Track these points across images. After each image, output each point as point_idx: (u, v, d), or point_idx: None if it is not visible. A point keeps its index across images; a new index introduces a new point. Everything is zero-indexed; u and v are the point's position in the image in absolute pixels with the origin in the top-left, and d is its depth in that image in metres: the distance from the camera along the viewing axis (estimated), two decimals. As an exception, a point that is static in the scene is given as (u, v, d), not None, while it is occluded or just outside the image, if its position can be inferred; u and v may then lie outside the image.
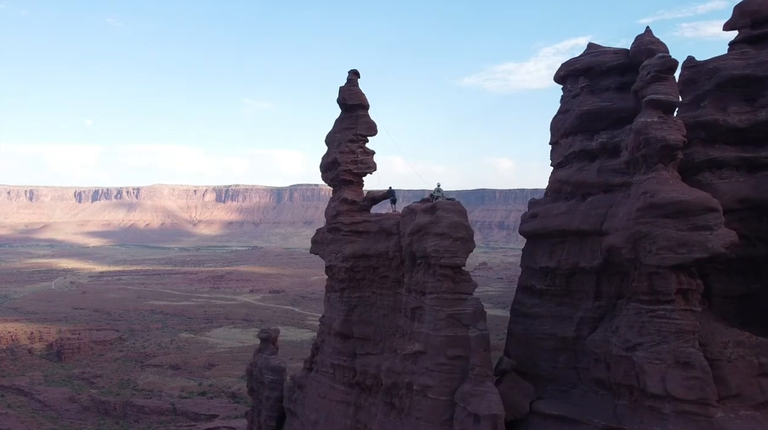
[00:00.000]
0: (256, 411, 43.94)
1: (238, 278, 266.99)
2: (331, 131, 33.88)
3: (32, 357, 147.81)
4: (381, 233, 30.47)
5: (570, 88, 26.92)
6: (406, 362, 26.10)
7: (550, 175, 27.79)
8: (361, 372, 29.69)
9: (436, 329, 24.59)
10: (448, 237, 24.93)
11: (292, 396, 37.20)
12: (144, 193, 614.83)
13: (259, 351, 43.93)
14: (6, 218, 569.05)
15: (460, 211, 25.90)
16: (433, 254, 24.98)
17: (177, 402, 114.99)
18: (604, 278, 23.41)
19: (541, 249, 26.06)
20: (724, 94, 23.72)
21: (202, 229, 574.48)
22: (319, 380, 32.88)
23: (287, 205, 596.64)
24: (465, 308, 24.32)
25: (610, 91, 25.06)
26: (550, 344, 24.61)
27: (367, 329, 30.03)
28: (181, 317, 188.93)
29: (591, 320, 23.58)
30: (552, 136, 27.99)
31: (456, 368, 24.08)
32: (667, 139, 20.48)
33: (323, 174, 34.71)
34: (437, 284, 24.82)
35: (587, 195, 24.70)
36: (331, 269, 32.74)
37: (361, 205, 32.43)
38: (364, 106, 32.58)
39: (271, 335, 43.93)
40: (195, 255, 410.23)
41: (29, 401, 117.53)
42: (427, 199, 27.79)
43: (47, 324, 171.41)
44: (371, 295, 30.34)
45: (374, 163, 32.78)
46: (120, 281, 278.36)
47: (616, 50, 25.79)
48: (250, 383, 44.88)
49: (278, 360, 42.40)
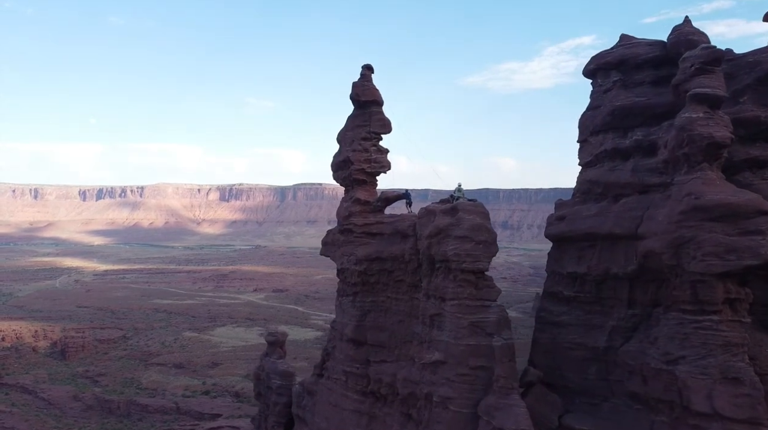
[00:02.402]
0: (263, 416, 42.46)
1: (242, 277, 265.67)
2: (343, 129, 32.33)
3: (36, 355, 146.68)
4: (396, 235, 28.90)
5: (601, 82, 25.26)
6: (424, 372, 24.55)
7: (579, 175, 26.12)
8: (375, 380, 28.13)
9: (458, 338, 23.03)
10: (470, 240, 23.36)
11: (301, 402, 35.69)
12: (148, 192, 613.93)
13: (267, 355, 42.45)
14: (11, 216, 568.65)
15: (483, 212, 24.31)
16: (453, 258, 23.42)
17: (180, 401, 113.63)
18: (638, 284, 21.80)
19: (568, 253, 24.42)
20: (766, 89, 22.08)
21: (206, 228, 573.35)
22: (330, 387, 31.34)
23: (291, 204, 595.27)
24: (488, 315, 22.74)
25: (644, 86, 23.45)
26: (579, 354, 23.01)
27: (382, 336, 28.47)
28: (184, 316, 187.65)
29: (624, 330, 21.98)
30: (580, 133, 26.31)
31: (479, 379, 22.53)
32: (714, 136, 18.86)
33: (335, 173, 33.14)
34: (458, 290, 23.26)
35: (620, 196, 23.08)
36: (343, 272, 31.18)
37: (375, 205, 30.87)
38: (378, 103, 31.01)
39: (279, 339, 42.44)
40: (198, 254, 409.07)
41: (33, 399, 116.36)
42: (447, 200, 26.19)
43: (51, 322, 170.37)
44: (386, 299, 28.78)
45: (388, 162, 31.21)
46: (124, 280, 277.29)
47: (651, 42, 24.12)
48: (257, 387, 43.39)
49: (286, 364, 40.93)
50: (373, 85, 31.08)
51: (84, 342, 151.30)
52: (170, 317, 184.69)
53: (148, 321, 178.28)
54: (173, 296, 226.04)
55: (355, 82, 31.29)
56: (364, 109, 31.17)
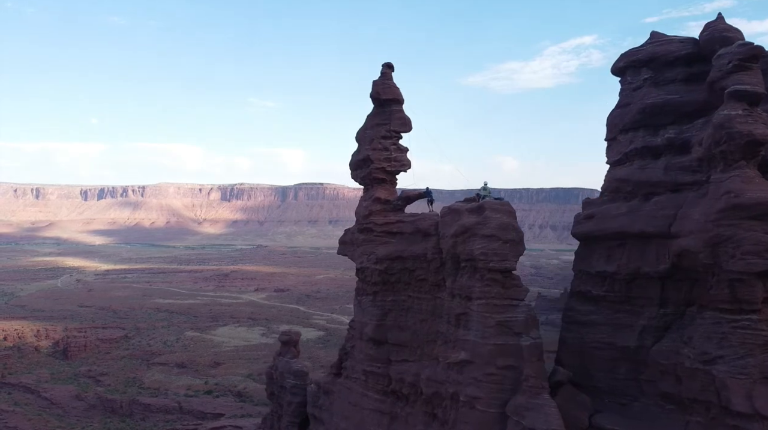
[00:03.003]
0: (275, 415, 42.09)
1: (243, 277, 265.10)
2: (363, 127, 32.03)
3: (38, 355, 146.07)
4: (417, 234, 28.59)
5: (630, 80, 24.92)
6: (449, 372, 24.24)
7: (607, 173, 25.79)
8: (397, 380, 27.80)
9: (485, 337, 22.71)
10: (497, 239, 23.06)
11: (317, 402, 35.35)
12: (149, 192, 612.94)
13: (280, 354, 42.09)
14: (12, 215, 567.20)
15: (509, 211, 24.02)
16: (480, 257, 23.11)
17: (183, 401, 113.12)
18: (670, 284, 21.49)
19: (597, 253, 24.10)
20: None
21: (207, 227, 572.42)
22: (349, 386, 31.00)
23: (292, 204, 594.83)
24: (516, 314, 22.44)
25: (676, 83, 23.14)
26: (609, 353, 22.69)
27: (403, 335, 28.14)
28: (186, 316, 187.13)
29: (655, 329, 21.67)
30: (608, 132, 26.00)
31: (507, 378, 22.21)
32: (754, 133, 18.55)
33: (353, 172, 32.83)
34: (485, 289, 22.95)
35: (651, 195, 22.77)
36: (362, 272, 30.85)
37: (395, 204, 30.58)
38: (399, 101, 30.72)
39: (292, 338, 42.09)
40: (200, 254, 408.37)
41: (36, 398, 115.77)
42: (473, 199, 25.88)
43: (53, 322, 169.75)
44: (407, 299, 28.45)
45: (408, 161, 30.92)
46: (125, 280, 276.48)
47: (683, 39, 23.81)
48: (269, 386, 43.04)
49: (300, 364, 40.59)
50: (393, 84, 30.81)
51: (86, 342, 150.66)
52: (172, 317, 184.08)
53: (149, 321, 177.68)
54: (175, 295, 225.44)
55: (376, 80, 31.01)
56: (385, 108, 30.89)
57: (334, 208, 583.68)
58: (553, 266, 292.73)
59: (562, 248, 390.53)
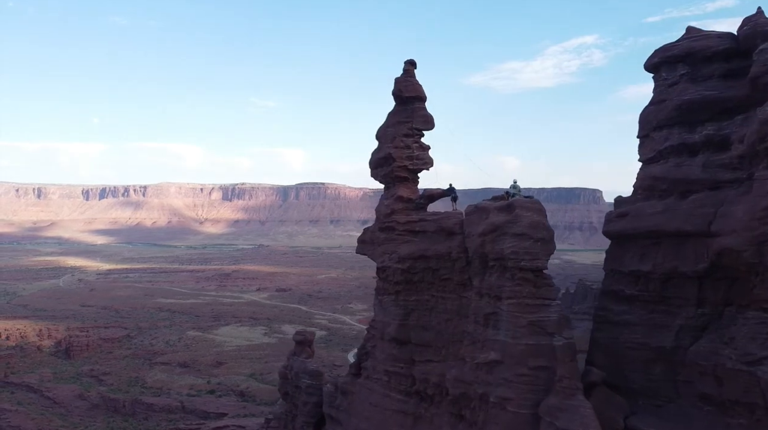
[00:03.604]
0: (289, 416, 41.53)
1: (245, 277, 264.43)
2: (384, 125, 31.53)
3: (41, 354, 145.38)
4: (440, 233, 28.08)
5: (666, 76, 24.35)
6: (478, 372, 23.72)
7: (639, 171, 25.28)
8: (421, 380, 27.29)
9: (516, 337, 22.22)
10: (528, 238, 22.58)
11: (334, 402, 34.80)
12: (151, 192, 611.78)
13: (294, 354, 41.53)
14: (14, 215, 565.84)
15: (540, 209, 23.53)
16: (511, 256, 22.62)
17: (186, 400, 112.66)
18: (708, 283, 20.97)
19: (630, 251, 23.58)
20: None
21: (209, 227, 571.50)
22: (370, 387, 30.47)
23: (293, 203, 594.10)
24: (549, 314, 21.94)
25: (713, 79, 22.60)
26: (643, 354, 22.17)
27: (427, 335, 27.63)
28: (188, 315, 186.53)
29: (692, 329, 21.15)
30: (641, 129, 25.47)
31: (539, 379, 21.71)
32: (801, 129, 18.12)
33: (373, 170, 32.33)
34: (516, 289, 22.45)
35: (688, 193, 22.23)
36: (384, 271, 30.32)
37: (417, 203, 30.08)
38: (422, 99, 30.24)
39: (307, 338, 41.56)
40: (201, 253, 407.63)
41: (39, 398, 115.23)
42: (501, 197, 25.38)
43: (55, 322, 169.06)
44: (430, 298, 27.93)
45: (431, 159, 30.43)
46: (127, 279, 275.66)
47: (721, 34, 23.24)
48: (283, 386, 42.47)
49: (315, 364, 40.06)
50: (416, 81, 30.33)
51: (88, 341, 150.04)
52: (174, 316, 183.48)
53: (152, 320, 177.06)
54: (177, 295, 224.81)
55: (398, 77, 30.53)
56: (407, 105, 30.40)
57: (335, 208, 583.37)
58: (555, 266, 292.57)
59: (563, 248, 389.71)
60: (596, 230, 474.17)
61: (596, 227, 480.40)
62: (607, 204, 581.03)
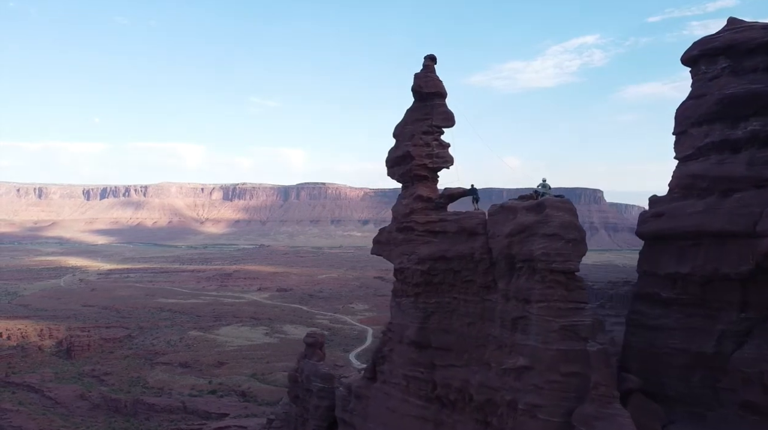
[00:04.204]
0: (300, 420, 40.41)
1: (246, 277, 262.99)
2: (402, 122, 30.45)
3: (42, 354, 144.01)
4: (461, 233, 26.99)
5: (705, 69, 23.18)
6: (505, 378, 22.65)
7: (676, 169, 24.15)
8: (443, 385, 26.18)
9: (547, 342, 21.15)
10: (560, 238, 21.51)
11: (347, 406, 33.69)
12: (151, 192, 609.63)
13: (305, 356, 40.40)
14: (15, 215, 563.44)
15: (571, 209, 22.45)
16: (542, 258, 21.55)
17: (187, 400, 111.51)
18: (753, 286, 19.87)
19: (667, 253, 22.44)
20: None
21: (210, 227, 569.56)
22: (387, 391, 29.36)
23: (294, 203, 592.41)
24: (583, 318, 20.86)
25: (758, 72, 21.40)
26: (682, 360, 21.05)
27: (448, 338, 26.53)
28: (189, 315, 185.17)
29: (736, 334, 20.07)
30: (678, 125, 24.31)
31: (571, 386, 20.64)
32: None
33: (390, 169, 31.24)
34: (547, 292, 21.39)
35: (731, 191, 21.11)
36: (402, 272, 29.21)
37: (437, 203, 28.99)
38: (442, 95, 29.14)
39: (318, 340, 40.42)
40: (202, 253, 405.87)
41: (40, 398, 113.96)
42: (529, 196, 24.31)
43: (57, 321, 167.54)
44: (452, 301, 26.83)
45: (451, 157, 29.33)
46: (128, 279, 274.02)
47: (765, 25, 22.07)
48: (293, 390, 41.37)
49: (327, 367, 38.96)
50: (436, 77, 29.23)
51: (89, 341, 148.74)
52: (175, 316, 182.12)
53: (153, 320, 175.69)
54: (177, 295, 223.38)
55: (418, 73, 29.44)
56: (426, 102, 29.31)
57: (336, 208, 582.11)
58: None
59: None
60: (597, 229, 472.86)
61: (597, 227, 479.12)
62: (607, 204, 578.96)
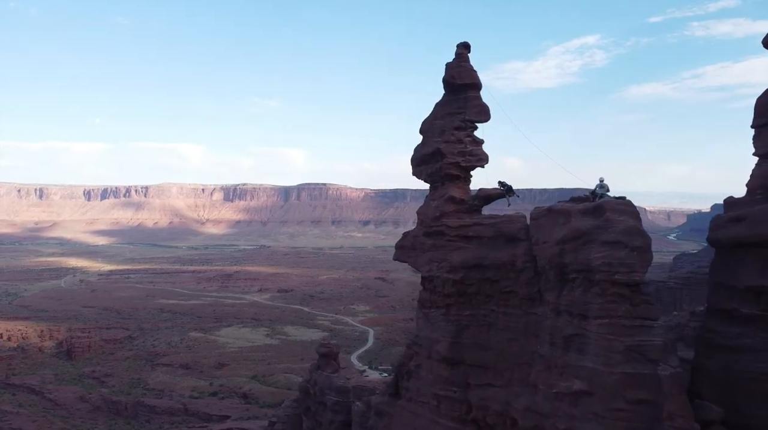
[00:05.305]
0: (312, 435, 37.42)
1: (246, 277, 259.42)
2: (430, 117, 27.40)
3: (42, 355, 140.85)
4: (499, 239, 24.00)
5: (792, 54, 20.51)
6: (558, 403, 19.67)
7: (756, 167, 21.21)
8: (479, 407, 23.16)
9: (610, 365, 18.21)
10: (624, 246, 18.55)
11: (365, 423, 30.66)
12: (152, 192, 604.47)
13: (318, 367, 37.31)
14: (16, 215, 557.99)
15: (634, 213, 19.51)
16: (602, 268, 18.60)
17: (188, 402, 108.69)
18: None
19: (748, 263, 19.46)
20: None
21: (210, 228, 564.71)
22: (413, 410, 26.28)
23: (295, 204, 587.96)
24: (652, 338, 17.92)
25: None
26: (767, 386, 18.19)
27: (485, 355, 23.52)
28: (190, 316, 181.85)
29: (831, 358, 17.27)
30: (758, 117, 21.29)
31: (639, 415, 17.69)
32: None
33: (416, 168, 28.16)
34: (609, 307, 18.45)
35: (826, 193, 18.37)
36: (431, 281, 26.13)
37: (471, 204, 25.96)
38: (477, 87, 26.07)
39: (333, 350, 37.31)
40: (203, 254, 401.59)
41: (40, 399, 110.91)
42: (585, 198, 21.33)
43: (57, 322, 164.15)
44: (489, 313, 23.81)
45: (486, 155, 26.24)
46: (129, 280, 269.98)
47: None
48: (304, 402, 38.32)
49: (342, 379, 35.88)
50: (470, 66, 26.15)
51: (90, 342, 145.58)
52: (176, 317, 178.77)
53: (153, 321, 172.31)
54: (178, 296, 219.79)
55: (450, 62, 26.36)
56: (459, 94, 26.24)
57: (336, 209, 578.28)
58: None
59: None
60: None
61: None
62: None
